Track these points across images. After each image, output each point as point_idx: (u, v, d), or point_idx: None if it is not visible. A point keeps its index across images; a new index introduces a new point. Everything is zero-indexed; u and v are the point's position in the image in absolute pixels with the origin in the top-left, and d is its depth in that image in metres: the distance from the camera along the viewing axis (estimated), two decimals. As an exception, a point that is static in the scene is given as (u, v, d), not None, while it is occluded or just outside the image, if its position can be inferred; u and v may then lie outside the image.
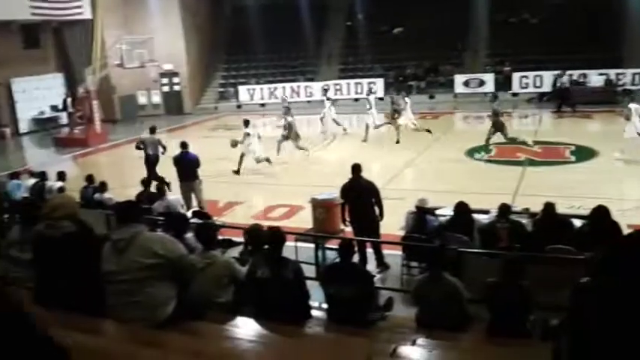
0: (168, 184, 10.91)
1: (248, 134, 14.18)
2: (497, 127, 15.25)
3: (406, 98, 18.36)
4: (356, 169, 8.10)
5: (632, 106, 14.13)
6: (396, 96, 19.17)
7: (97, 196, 10.08)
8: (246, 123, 14.56)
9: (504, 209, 7.07)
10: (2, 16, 20.83)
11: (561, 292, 4.61)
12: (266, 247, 4.93)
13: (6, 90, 23.23)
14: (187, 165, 10.78)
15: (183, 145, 11.07)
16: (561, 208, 7.37)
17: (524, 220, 7.34)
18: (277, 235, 4.82)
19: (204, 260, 4.72)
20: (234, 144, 14.35)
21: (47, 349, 2.18)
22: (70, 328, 3.37)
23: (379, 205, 8.03)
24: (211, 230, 5.22)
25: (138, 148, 13.70)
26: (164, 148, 13.52)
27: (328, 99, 20.46)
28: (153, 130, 13.89)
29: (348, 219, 8.16)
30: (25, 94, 23.78)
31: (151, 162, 13.24)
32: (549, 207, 6.99)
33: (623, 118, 14.40)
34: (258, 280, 4.61)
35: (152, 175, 12.60)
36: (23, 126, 23.80)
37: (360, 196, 8.04)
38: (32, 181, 11.21)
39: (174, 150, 11.18)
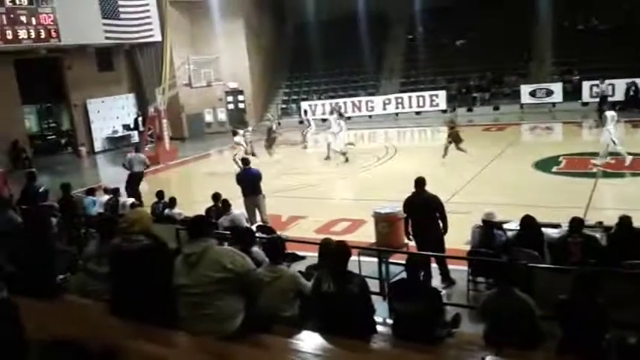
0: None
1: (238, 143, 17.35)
2: (453, 137, 15.93)
3: (335, 117, 18.82)
4: (419, 183, 8.02)
5: (609, 113, 14.35)
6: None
7: (167, 211, 10.44)
8: (234, 133, 17.86)
9: (577, 223, 6.81)
10: (79, 41, 22.09)
11: (638, 310, 4.42)
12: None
13: (82, 111, 24.51)
14: (251, 181, 10.99)
15: (245, 162, 11.36)
16: (637, 222, 7.03)
17: (598, 235, 7.05)
18: (343, 249, 4.82)
19: (271, 274, 4.79)
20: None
21: None
22: (143, 339, 3.50)
23: (443, 218, 7.91)
24: (280, 244, 5.27)
25: (124, 166, 14.70)
26: (147, 165, 15.02)
27: (307, 119, 21.87)
28: (137, 149, 15.92)
29: (411, 233, 8.09)
30: (99, 114, 25.01)
31: (137, 179, 14.30)
32: (625, 220, 6.68)
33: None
34: (323, 294, 4.62)
35: (134, 191, 13.78)
36: (98, 145, 24.99)
37: (423, 211, 7.95)
38: (106, 197, 11.73)
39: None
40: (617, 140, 13.95)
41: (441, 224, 7.91)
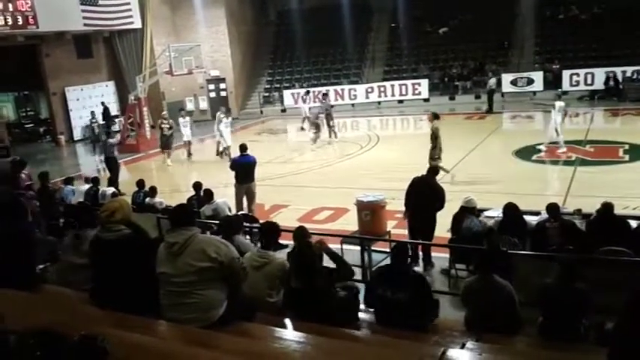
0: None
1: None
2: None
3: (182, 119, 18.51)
4: (431, 171, 8.27)
5: (558, 103, 14.69)
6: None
7: (147, 200, 10.36)
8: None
9: (553, 208, 6.91)
10: (57, 28, 21.70)
11: (615, 295, 4.49)
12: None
13: (61, 99, 24.11)
14: (248, 167, 10.99)
15: (243, 148, 11.26)
16: (615, 209, 7.14)
17: (577, 221, 7.15)
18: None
19: (261, 259, 4.79)
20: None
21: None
22: (124, 328, 3.48)
23: (440, 207, 8.06)
24: (276, 231, 5.25)
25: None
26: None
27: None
28: (110, 134, 16.26)
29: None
30: (78, 102, 24.62)
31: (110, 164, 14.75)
32: (607, 207, 6.74)
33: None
34: (293, 290, 4.60)
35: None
36: (77, 133, 24.62)
37: (427, 198, 7.99)
38: (86, 186, 11.60)
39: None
40: (560, 129, 14.45)
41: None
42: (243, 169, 10.90)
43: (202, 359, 3.13)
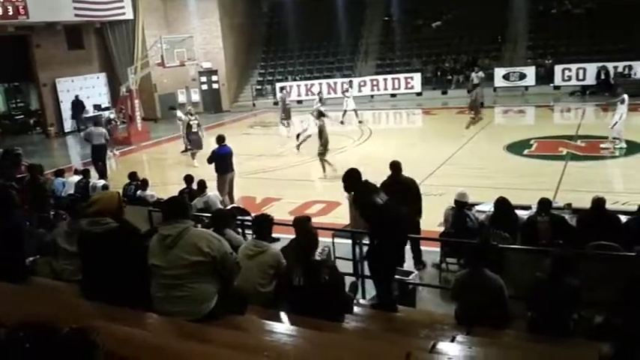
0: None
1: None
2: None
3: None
4: (396, 167, 8.05)
5: (626, 97, 14.34)
6: None
7: (139, 192, 10.32)
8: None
9: (544, 203, 6.94)
10: (48, 18, 21.50)
11: (604, 290, 4.53)
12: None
13: (51, 90, 23.91)
14: (228, 157, 11.17)
15: (221, 139, 11.33)
16: (605, 204, 7.18)
17: (567, 216, 7.19)
18: (309, 235, 4.69)
19: (255, 248, 4.79)
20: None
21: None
22: (115, 321, 3.47)
23: (418, 201, 7.99)
24: (268, 222, 5.23)
25: (87, 140, 15.30)
26: (107, 140, 15.28)
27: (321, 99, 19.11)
28: (96, 123, 16.28)
29: None
30: (69, 93, 24.41)
31: (99, 152, 14.80)
32: (599, 202, 6.77)
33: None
34: (294, 288, 4.47)
35: (98, 165, 14.46)
36: (67, 125, 24.43)
37: (401, 195, 7.96)
38: (76, 178, 11.54)
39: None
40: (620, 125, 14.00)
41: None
42: (224, 159, 11.08)
43: (194, 353, 3.12)
